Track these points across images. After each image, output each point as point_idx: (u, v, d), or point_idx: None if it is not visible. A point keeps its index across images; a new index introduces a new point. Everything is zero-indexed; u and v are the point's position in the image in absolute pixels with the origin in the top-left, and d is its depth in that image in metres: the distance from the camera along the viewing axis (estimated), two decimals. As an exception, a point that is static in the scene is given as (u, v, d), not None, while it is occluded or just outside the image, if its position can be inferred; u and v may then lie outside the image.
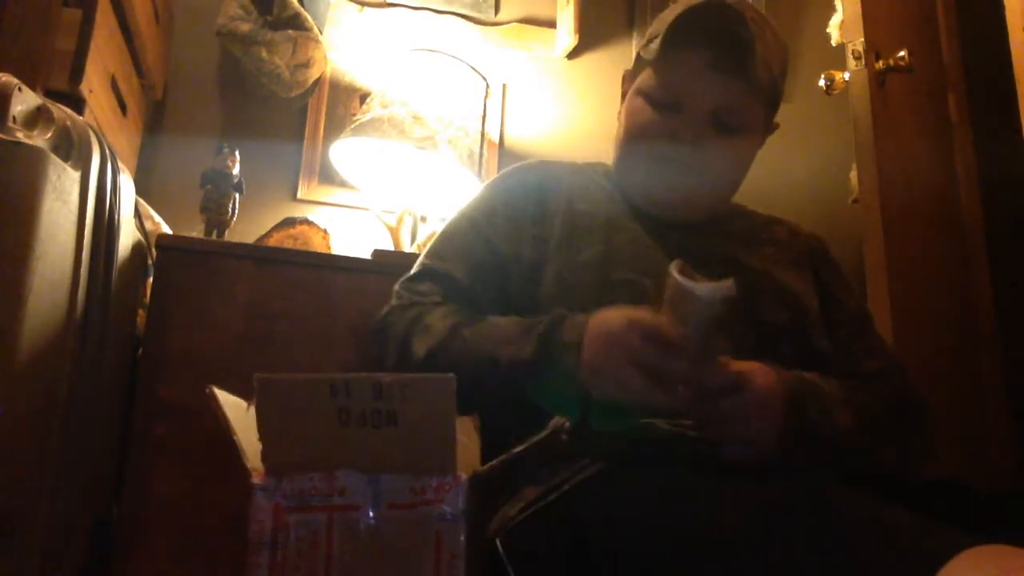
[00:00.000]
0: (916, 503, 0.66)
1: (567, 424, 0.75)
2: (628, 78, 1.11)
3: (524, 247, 1.04)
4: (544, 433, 0.73)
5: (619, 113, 1.11)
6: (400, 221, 1.80)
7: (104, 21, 1.43)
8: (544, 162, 1.16)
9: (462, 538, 0.60)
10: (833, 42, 2.17)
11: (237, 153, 1.56)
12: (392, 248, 1.78)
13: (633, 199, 1.08)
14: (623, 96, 1.11)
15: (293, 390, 0.63)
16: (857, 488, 0.67)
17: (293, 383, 0.64)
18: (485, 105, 2.03)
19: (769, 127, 1.10)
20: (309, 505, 0.61)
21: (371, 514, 0.60)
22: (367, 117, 1.76)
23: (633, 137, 1.04)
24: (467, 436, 0.67)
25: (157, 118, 1.95)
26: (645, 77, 1.04)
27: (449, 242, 1.08)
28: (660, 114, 1.01)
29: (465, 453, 0.65)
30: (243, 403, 0.69)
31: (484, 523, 0.72)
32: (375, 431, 0.61)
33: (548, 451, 0.82)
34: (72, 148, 1.10)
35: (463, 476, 0.61)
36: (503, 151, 2.14)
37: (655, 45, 1.01)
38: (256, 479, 0.62)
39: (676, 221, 1.05)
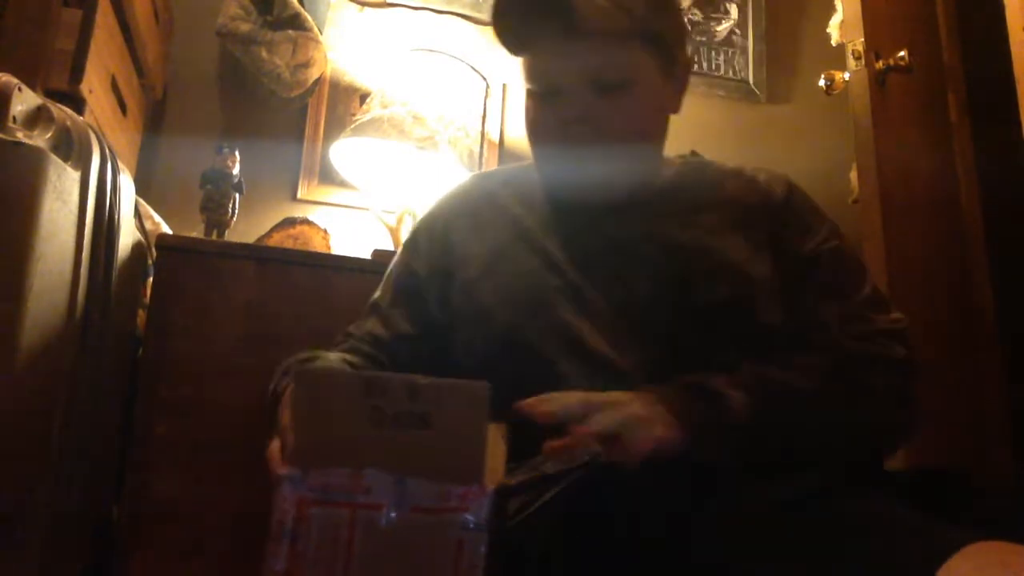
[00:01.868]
0: (916, 497, 0.66)
1: (600, 455, 0.73)
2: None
3: (451, 266, 1.02)
4: (580, 462, 0.71)
5: None
6: (400, 221, 1.80)
7: (104, 21, 1.43)
8: (477, 177, 1.14)
9: (483, 549, 0.59)
10: (833, 42, 2.17)
11: (237, 153, 1.56)
12: (392, 248, 1.78)
13: (558, 194, 1.04)
14: None
15: (329, 384, 0.63)
16: (859, 485, 0.67)
17: (330, 377, 0.64)
18: (485, 105, 2.03)
19: (674, 67, 1.01)
20: (332, 500, 0.60)
21: (393, 515, 0.60)
22: (367, 117, 1.76)
23: (531, 136, 1.02)
24: (494, 444, 0.66)
25: (157, 118, 1.95)
26: (522, 75, 1.01)
27: (387, 274, 1.10)
28: (545, 104, 0.98)
29: (491, 462, 0.64)
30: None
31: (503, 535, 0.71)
32: (406, 432, 0.60)
33: (581, 481, 0.80)
34: (72, 148, 1.10)
35: (489, 487, 0.60)
36: (503, 151, 2.14)
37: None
38: (283, 469, 0.62)
39: (611, 203, 1.00)
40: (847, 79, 1.79)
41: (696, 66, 2.36)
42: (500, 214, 1.04)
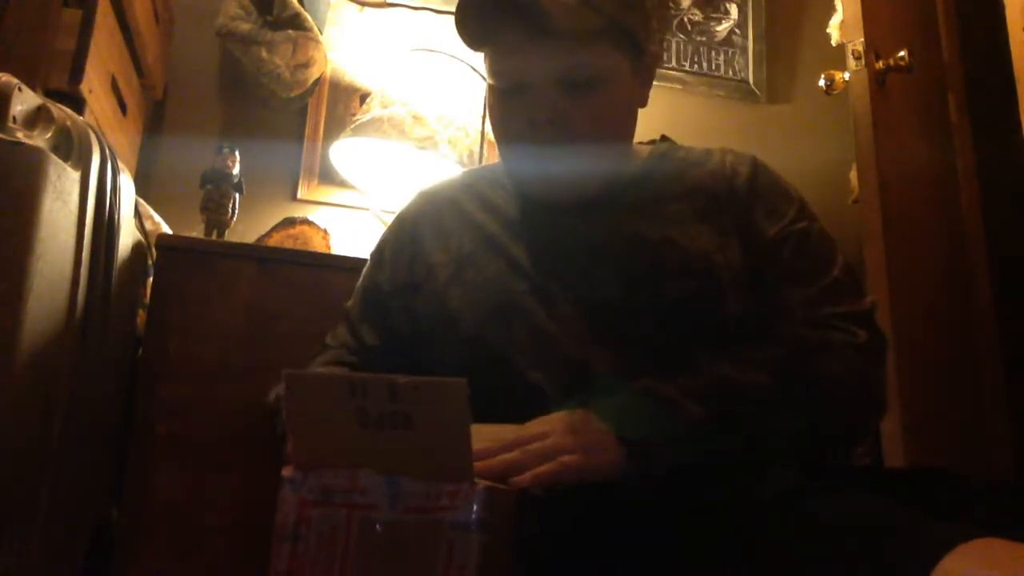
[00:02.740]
0: (915, 496, 0.66)
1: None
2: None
3: (417, 278, 1.02)
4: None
5: None
6: (400, 221, 1.80)
7: (104, 21, 1.43)
8: (439, 184, 1.13)
9: (475, 548, 0.59)
10: (833, 42, 2.17)
11: (237, 153, 1.56)
12: (392, 248, 1.78)
13: (526, 190, 1.02)
14: None
15: (317, 387, 0.64)
16: (850, 482, 0.67)
17: (317, 380, 0.65)
18: (485, 105, 2.03)
19: (641, 61, 0.99)
20: (331, 501, 0.61)
21: (387, 515, 0.60)
22: (367, 117, 1.76)
23: (499, 134, 1.00)
24: None
25: (157, 118, 1.95)
26: (485, 69, 0.99)
27: (358, 284, 1.10)
28: (511, 102, 0.95)
29: None
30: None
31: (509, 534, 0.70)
32: (392, 433, 0.61)
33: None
34: (72, 148, 1.10)
35: (480, 484, 0.60)
36: (503, 151, 2.14)
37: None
38: (286, 472, 0.63)
39: (576, 199, 0.99)
40: (847, 79, 1.79)
41: (696, 66, 2.36)
42: (464, 220, 1.03)
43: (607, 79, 0.94)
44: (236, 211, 1.54)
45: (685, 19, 2.40)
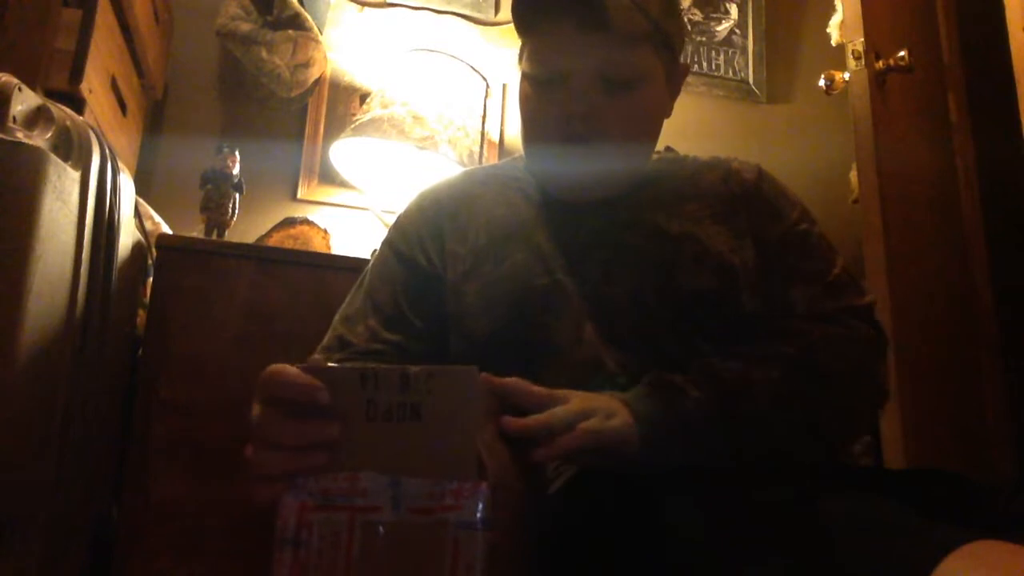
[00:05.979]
0: (916, 497, 0.66)
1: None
2: (520, 58, 1.04)
3: (440, 261, 1.01)
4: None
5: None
6: (400, 221, 1.80)
7: (104, 21, 1.43)
8: (456, 178, 1.12)
9: (481, 547, 0.58)
10: (833, 42, 2.17)
11: (237, 153, 1.56)
12: (392, 248, 1.78)
13: (547, 187, 1.03)
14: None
15: (327, 380, 0.62)
16: (849, 484, 0.67)
17: (327, 373, 0.63)
18: (485, 105, 2.03)
19: (675, 72, 1.02)
20: (333, 505, 0.60)
21: (390, 517, 0.59)
22: (367, 117, 1.76)
23: (528, 123, 1.00)
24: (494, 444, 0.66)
25: (157, 118, 1.95)
26: (525, 58, 1.00)
27: (374, 271, 1.06)
28: (546, 92, 0.96)
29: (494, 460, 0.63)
30: None
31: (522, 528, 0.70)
32: (399, 426, 0.60)
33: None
34: (72, 148, 1.10)
35: (484, 483, 0.59)
36: (503, 151, 2.14)
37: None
38: None
39: (596, 199, 1.00)
40: (847, 79, 1.79)
41: (696, 66, 2.36)
42: (480, 216, 1.03)
43: (644, 82, 0.96)
44: (236, 211, 1.54)
45: (685, 19, 2.40)
